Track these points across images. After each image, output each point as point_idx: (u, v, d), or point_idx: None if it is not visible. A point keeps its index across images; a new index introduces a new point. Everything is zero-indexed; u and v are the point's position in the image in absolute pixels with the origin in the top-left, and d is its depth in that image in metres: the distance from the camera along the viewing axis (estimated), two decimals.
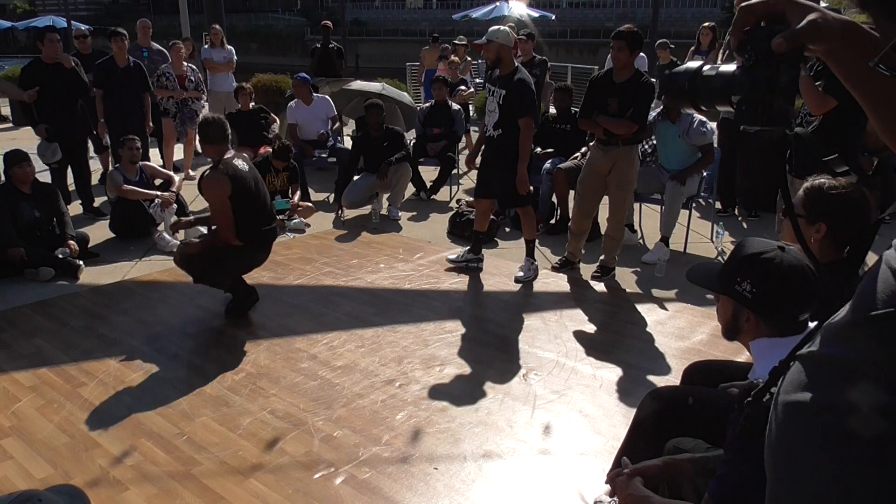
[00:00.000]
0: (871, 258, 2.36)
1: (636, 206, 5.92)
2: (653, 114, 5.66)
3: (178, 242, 5.73)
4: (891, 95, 0.95)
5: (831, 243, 2.23)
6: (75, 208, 6.36)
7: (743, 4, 1.03)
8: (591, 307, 4.63)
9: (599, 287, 4.93)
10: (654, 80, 4.81)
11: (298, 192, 6.45)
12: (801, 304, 1.63)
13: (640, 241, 5.92)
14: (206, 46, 9.15)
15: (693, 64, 1.18)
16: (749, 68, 1.05)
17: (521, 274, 5.04)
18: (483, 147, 5.08)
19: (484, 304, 4.64)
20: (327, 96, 7.67)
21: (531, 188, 4.95)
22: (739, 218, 6.61)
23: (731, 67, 1.09)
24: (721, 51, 6.45)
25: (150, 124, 7.07)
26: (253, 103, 7.43)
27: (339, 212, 6.63)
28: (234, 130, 7.29)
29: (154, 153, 8.34)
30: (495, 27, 4.87)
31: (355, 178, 6.75)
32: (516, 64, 4.83)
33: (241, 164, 4.25)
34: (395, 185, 6.73)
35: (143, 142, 6.71)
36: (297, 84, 7.38)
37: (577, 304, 4.62)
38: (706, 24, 8.20)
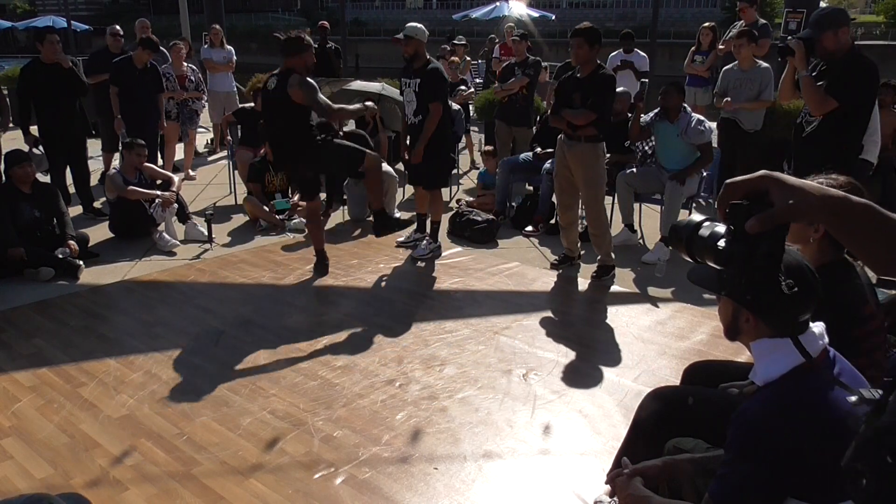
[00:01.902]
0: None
1: (636, 206, 5.92)
2: (651, 114, 5.67)
3: (178, 243, 5.74)
4: (885, 248, 0.98)
5: (830, 243, 2.22)
6: (75, 208, 6.36)
7: (728, 181, 1.05)
8: (590, 307, 4.63)
9: (599, 287, 4.93)
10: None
11: (298, 192, 6.43)
12: (800, 305, 1.62)
13: (640, 241, 5.92)
14: (205, 46, 9.14)
15: (696, 218, 1.22)
16: (730, 241, 1.11)
17: (419, 252, 5.41)
18: (408, 135, 5.45)
19: (484, 304, 4.64)
20: None
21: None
22: None
23: (723, 230, 1.15)
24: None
25: (164, 124, 7.26)
26: None
27: (331, 209, 6.56)
28: (239, 126, 7.32)
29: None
30: (412, 24, 5.25)
31: (345, 184, 6.66)
32: (429, 57, 5.26)
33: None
34: (385, 193, 6.64)
35: (152, 145, 6.76)
36: None
37: (576, 304, 4.62)
38: (706, 24, 8.18)
